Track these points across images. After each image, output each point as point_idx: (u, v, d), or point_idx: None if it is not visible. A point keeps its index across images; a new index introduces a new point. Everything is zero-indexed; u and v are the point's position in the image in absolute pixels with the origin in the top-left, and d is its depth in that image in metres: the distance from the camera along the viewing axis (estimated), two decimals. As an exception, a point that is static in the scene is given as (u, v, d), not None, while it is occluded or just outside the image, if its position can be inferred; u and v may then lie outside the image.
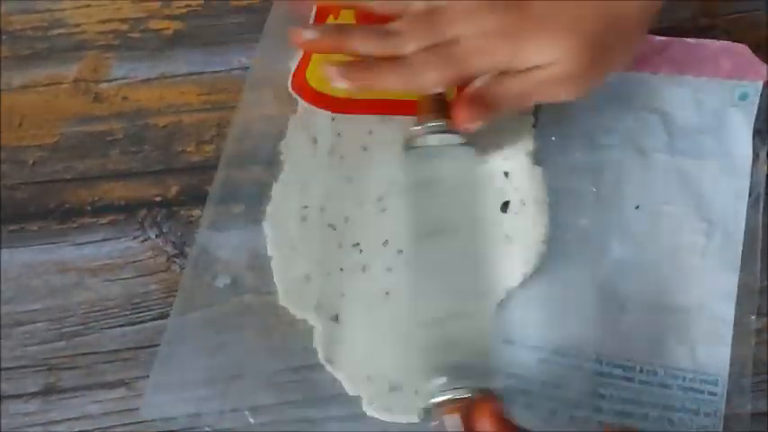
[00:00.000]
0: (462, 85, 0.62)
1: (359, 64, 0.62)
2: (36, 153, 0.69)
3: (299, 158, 0.68)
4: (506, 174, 0.66)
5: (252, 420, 0.62)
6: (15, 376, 0.64)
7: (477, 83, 0.61)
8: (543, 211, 0.65)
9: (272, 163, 0.67)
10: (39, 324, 0.65)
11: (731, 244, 0.64)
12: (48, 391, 0.64)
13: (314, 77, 0.68)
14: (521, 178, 0.66)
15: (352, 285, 0.65)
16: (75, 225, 0.67)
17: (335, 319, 0.64)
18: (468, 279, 0.61)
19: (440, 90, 0.62)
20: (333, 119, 0.68)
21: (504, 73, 0.61)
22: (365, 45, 0.62)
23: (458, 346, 0.59)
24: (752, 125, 0.67)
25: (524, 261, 0.64)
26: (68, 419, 0.63)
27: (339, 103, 0.68)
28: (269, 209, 0.66)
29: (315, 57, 0.68)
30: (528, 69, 0.60)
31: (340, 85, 0.62)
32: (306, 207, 0.66)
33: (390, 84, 0.62)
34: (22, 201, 0.68)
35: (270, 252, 0.65)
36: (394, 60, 0.61)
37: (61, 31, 0.71)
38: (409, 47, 0.61)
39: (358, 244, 0.66)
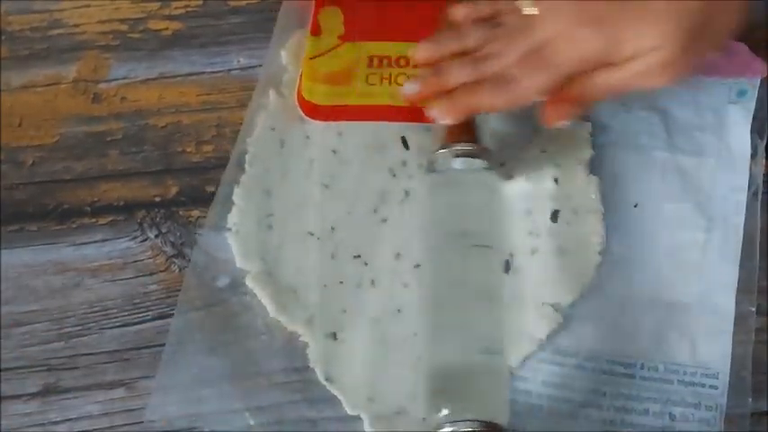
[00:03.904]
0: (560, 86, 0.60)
1: (457, 95, 0.62)
2: (35, 153, 0.69)
3: (264, 161, 0.67)
4: (556, 180, 0.65)
5: (252, 422, 0.62)
6: (15, 377, 0.64)
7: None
8: (598, 222, 0.65)
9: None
10: (38, 324, 0.65)
11: (730, 239, 0.65)
12: (47, 392, 0.63)
13: (306, 89, 0.67)
14: (573, 187, 0.65)
15: (357, 300, 0.64)
16: (74, 225, 0.67)
17: (333, 336, 0.63)
18: (491, 322, 0.61)
19: (542, 98, 0.61)
20: (302, 120, 0.67)
21: (599, 67, 0.59)
22: (463, 75, 0.62)
23: (471, 379, 0.59)
24: (750, 122, 0.67)
25: (581, 273, 0.64)
26: (68, 420, 0.63)
27: (330, 111, 0.67)
28: (230, 218, 0.66)
29: (303, 67, 0.68)
30: (625, 60, 0.59)
31: (446, 122, 0.62)
32: (270, 215, 0.66)
33: (491, 104, 0.61)
34: (21, 201, 0.68)
35: (240, 265, 0.65)
36: (491, 81, 0.61)
37: (60, 31, 0.71)
38: (509, 62, 0.60)
39: (359, 256, 0.65)
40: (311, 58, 0.68)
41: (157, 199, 0.68)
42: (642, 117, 0.68)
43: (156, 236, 0.67)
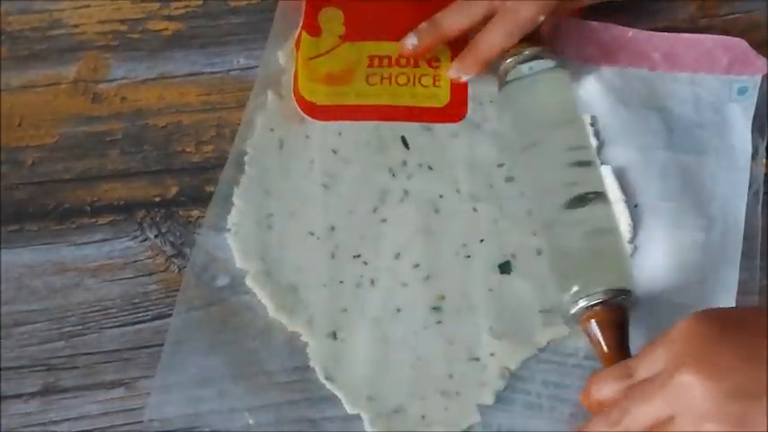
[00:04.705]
0: None
1: (469, 49, 0.67)
2: (35, 153, 0.69)
3: (264, 161, 0.67)
4: None
5: (252, 421, 0.62)
6: (15, 376, 0.64)
7: None
8: (622, 209, 0.64)
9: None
10: (38, 324, 0.65)
11: (731, 238, 0.65)
12: (47, 392, 0.63)
13: (306, 89, 0.68)
14: None
15: (357, 300, 0.64)
16: (74, 225, 0.67)
17: (333, 335, 0.63)
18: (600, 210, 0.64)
19: (543, 17, 0.65)
20: (302, 120, 0.68)
21: None
22: (458, 19, 0.66)
23: (591, 255, 0.62)
24: (751, 120, 0.67)
25: None
26: (68, 419, 0.63)
27: (330, 111, 0.68)
28: (230, 218, 0.66)
29: (300, 68, 0.68)
30: None
31: (468, 76, 0.67)
32: (270, 215, 0.66)
33: (501, 41, 0.66)
34: (21, 201, 0.68)
35: (239, 265, 0.65)
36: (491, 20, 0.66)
37: (60, 31, 0.71)
38: None
39: (359, 255, 0.65)
40: (311, 59, 0.68)
41: (157, 199, 0.68)
42: (642, 115, 0.67)
43: (156, 236, 0.67)
